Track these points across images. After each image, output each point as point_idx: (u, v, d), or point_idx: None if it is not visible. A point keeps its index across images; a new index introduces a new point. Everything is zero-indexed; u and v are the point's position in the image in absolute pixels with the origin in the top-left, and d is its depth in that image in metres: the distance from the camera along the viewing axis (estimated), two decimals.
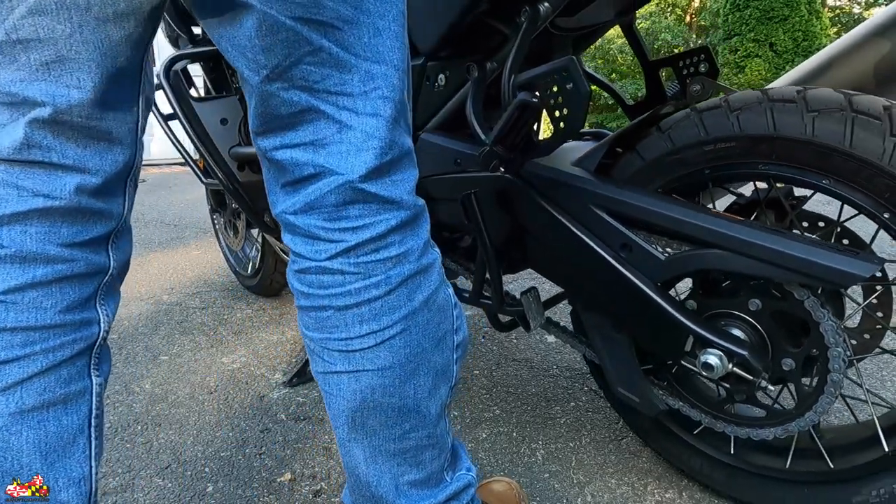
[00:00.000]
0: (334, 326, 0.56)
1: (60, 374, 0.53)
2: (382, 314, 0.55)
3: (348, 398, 0.58)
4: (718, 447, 0.89)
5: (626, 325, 0.86)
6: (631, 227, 0.81)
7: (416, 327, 0.57)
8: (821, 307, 0.71)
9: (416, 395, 0.59)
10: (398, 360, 0.57)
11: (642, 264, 0.80)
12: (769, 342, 0.78)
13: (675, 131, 0.80)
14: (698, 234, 0.75)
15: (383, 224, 0.54)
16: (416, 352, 0.58)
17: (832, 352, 0.72)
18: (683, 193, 0.84)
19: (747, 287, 0.78)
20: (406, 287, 0.56)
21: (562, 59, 0.74)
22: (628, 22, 1.07)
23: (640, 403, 0.88)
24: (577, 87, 0.74)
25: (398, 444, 0.60)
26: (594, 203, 0.82)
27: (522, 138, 0.82)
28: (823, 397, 0.74)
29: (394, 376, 0.57)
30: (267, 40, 0.48)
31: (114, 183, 0.57)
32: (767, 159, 0.73)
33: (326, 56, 0.49)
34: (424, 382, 0.59)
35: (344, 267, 0.54)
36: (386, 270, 0.55)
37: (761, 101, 0.73)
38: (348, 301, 0.55)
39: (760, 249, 0.70)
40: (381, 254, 0.54)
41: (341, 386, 0.58)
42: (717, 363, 0.76)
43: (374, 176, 0.53)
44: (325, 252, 0.54)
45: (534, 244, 0.91)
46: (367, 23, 0.50)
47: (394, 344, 0.56)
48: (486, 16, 0.90)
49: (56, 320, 0.53)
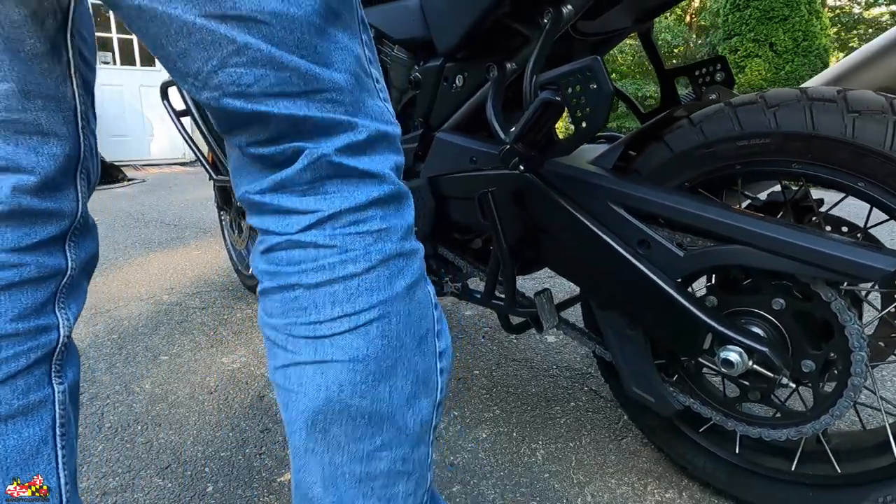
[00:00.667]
0: (302, 308, 0.47)
1: (17, 386, 0.51)
2: (359, 295, 0.47)
3: (311, 395, 0.48)
4: (723, 446, 0.89)
5: (642, 323, 0.86)
6: (649, 224, 0.80)
7: (395, 316, 0.49)
8: (848, 310, 0.70)
9: (392, 401, 0.49)
10: (373, 352, 0.48)
11: (661, 261, 0.79)
12: (790, 342, 0.77)
13: (707, 124, 0.79)
14: (718, 229, 0.74)
15: (363, 195, 0.47)
16: (395, 345, 0.49)
17: (855, 356, 0.71)
18: (710, 189, 0.83)
19: (769, 286, 0.78)
20: (387, 267, 0.48)
21: (586, 58, 0.74)
22: (646, 30, 1.07)
23: (655, 404, 0.88)
24: (600, 86, 0.73)
25: (366, 465, 0.49)
26: (612, 199, 0.82)
27: (543, 136, 0.82)
28: (842, 401, 0.73)
29: (367, 372, 0.48)
30: (180, 45, 0.41)
31: (57, 179, 0.53)
32: (802, 158, 0.72)
33: (256, 54, 0.42)
34: (402, 386, 0.50)
35: (318, 239, 0.46)
36: (365, 245, 0.47)
37: (800, 98, 0.72)
38: (321, 277, 0.47)
39: (783, 244, 0.69)
40: (360, 227, 0.47)
41: (304, 380, 0.48)
42: (737, 359, 0.75)
43: (350, 151, 0.47)
44: (297, 224, 0.47)
45: (550, 242, 0.90)
46: (299, 16, 0.42)
47: (370, 331, 0.47)
48: (507, 17, 0.90)
49: (7, 330, 0.50)
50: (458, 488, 0.95)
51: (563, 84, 0.76)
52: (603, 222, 0.83)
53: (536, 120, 0.80)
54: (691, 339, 0.80)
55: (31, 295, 0.51)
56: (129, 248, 2.70)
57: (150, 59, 6.91)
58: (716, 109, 0.79)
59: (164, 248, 2.69)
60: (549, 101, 0.77)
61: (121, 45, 6.74)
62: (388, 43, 1.04)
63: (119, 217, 3.46)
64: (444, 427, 1.13)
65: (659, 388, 0.87)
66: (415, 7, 0.98)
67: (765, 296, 0.78)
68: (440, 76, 0.98)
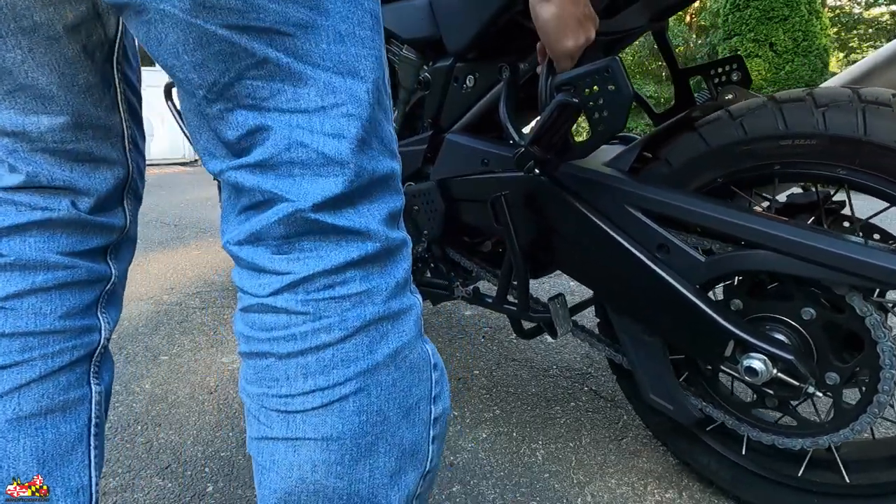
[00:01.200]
0: (274, 380, 0.43)
1: (59, 381, 0.53)
2: (333, 367, 0.43)
3: (283, 475, 0.44)
4: (730, 447, 0.88)
5: (661, 329, 0.83)
6: (668, 228, 0.78)
7: (376, 388, 0.44)
8: (883, 326, 0.68)
9: (373, 481, 0.44)
10: (349, 430, 0.43)
11: (680, 265, 0.77)
12: (815, 352, 0.75)
13: (749, 120, 0.74)
14: (741, 233, 0.72)
15: (341, 255, 0.43)
16: (376, 421, 0.44)
17: (885, 373, 0.68)
18: (742, 187, 0.80)
19: (798, 292, 0.75)
20: (367, 334, 0.44)
21: (605, 59, 0.71)
22: (660, 28, 1.05)
23: (673, 411, 0.86)
24: (619, 88, 0.70)
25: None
26: (629, 203, 0.79)
27: (559, 139, 0.80)
28: (864, 416, 0.71)
29: (342, 451, 0.43)
30: (197, 55, 0.39)
31: (109, 200, 0.56)
32: (849, 164, 0.68)
33: (274, 68, 0.40)
34: (385, 463, 0.45)
35: (290, 305, 0.42)
36: (342, 311, 0.43)
37: (852, 100, 0.68)
38: (292, 348, 0.43)
39: (807, 249, 0.67)
40: (336, 290, 0.43)
41: (276, 457, 0.44)
42: (761, 368, 0.73)
43: (332, 206, 0.42)
44: (268, 286, 0.43)
45: (565, 246, 0.88)
46: (326, 26, 0.41)
47: (345, 408, 0.43)
48: (521, 16, 0.88)
49: (55, 326, 0.53)
50: (458, 488, 0.95)
51: (580, 85, 0.74)
52: (620, 226, 0.81)
53: (552, 123, 0.78)
54: (713, 346, 0.77)
55: (79, 296, 0.55)
56: None
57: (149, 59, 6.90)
58: (759, 104, 0.75)
59: (164, 248, 2.69)
60: (566, 103, 0.75)
61: None
62: (396, 43, 1.03)
63: None
64: None
65: (677, 395, 0.85)
66: (424, 6, 0.96)
67: (793, 303, 0.75)
68: (450, 76, 0.96)
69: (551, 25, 0.70)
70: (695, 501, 0.91)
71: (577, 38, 0.71)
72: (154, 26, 0.39)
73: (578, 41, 0.71)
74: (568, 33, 0.70)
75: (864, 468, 0.77)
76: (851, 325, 0.71)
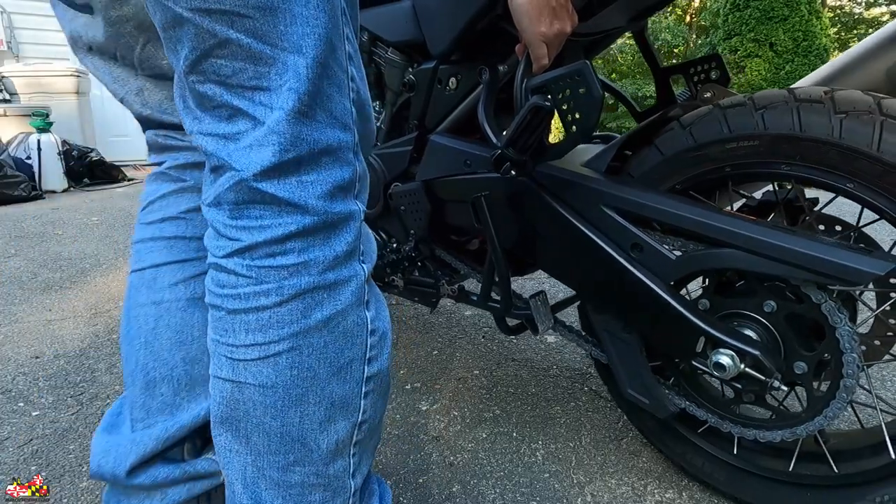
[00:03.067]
0: (224, 330, 0.51)
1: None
2: (269, 327, 0.49)
3: (231, 407, 0.52)
4: (722, 447, 0.89)
5: (636, 326, 0.86)
6: (642, 227, 0.80)
7: (308, 348, 0.51)
8: (839, 311, 0.70)
9: (302, 425, 0.52)
10: (282, 381, 0.51)
11: (653, 264, 0.79)
12: (782, 344, 0.77)
13: (697, 127, 0.79)
14: (710, 232, 0.74)
15: (281, 228, 0.48)
16: (306, 376, 0.51)
17: (847, 357, 0.71)
18: (701, 192, 0.83)
19: (761, 288, 0.78)
20: (301, 301, 0.50)
21: (576, 63, 0.74)
22: (640, 28, 1.07)
23: (650, 405, 0.88)
24: (590, 91, 0.73)
25: (282, 474, 0.53)
26: (605, 203, 0.82)
27: (534, 141, 0.82)
28: (835, 402, 0.73)
29: (276, 397, 0.51)
30: (171, 33, 0.46)
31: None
32: (791, 160, 0.72)
33: (237, 48, 0.45)
34: (314, 412, 0.52)
35: (237, 268, 0.49)
36: (279, 279, 0.49)
37: (787, 100, 0.72)
38: (237, 305, 0.50)
39: (773, 248, 0.69)
40: (276, 260, 0.49)
41: (224, 393, 0.52)
42: (729, 363, 0.76)
43: (271, 175, 0.47)
44: (222, 249, 0.50)
45: (544, 245, 0.90)
46: (284, 9, 0.45)
47: (279, 362, 0.50)
48: (500, 19, 0.90)
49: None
50: (457, 488, 0.95)
51: (552, 89, 0.77)
52: (596, 226, 0.83)
53: (527, 125, 0.80)
54: (684, 342, 0.80)
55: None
56: (129, 248, 2.69)
57: None
58: (705, 112, 0.79)
59: None
60: (539, 106, 0.77)
61: None
62: (382, 45, 1.05)
63: (119, 217, 3.46)
64: (444, 427, 1.13)
65: (654, 389, 0.87)
66: (408, 9, 0.98)
67: (757, 298, 0.78)
68: (434, 79, 0.98)
69: (525, 8, 0.75)
70: (695, 501, 0.91)
71: (552, 25, 0.75)
72: (149, 5, 0.46)
73: (553, 28, 0.76)
74: (542, 18, 0.75)
75: (851, 458, 0.79)
76: (810, 313, 0.73)
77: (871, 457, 0.77)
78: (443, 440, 1.09)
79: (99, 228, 3.11)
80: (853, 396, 0.73)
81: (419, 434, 1.10)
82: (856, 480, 0.77)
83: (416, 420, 1.15)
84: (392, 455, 1.04)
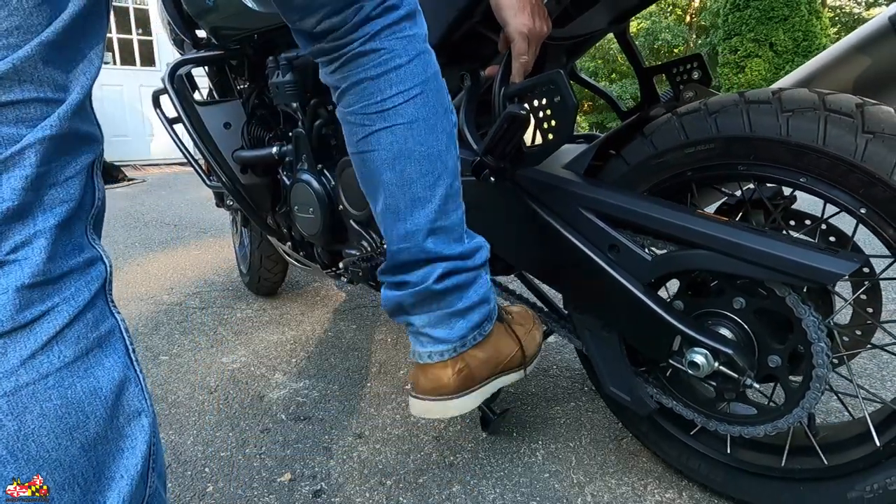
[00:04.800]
0: (371, 93, 0.71)
1: (87, 320, 0.51)
2: (406, 78, 0.71)
3: (387, 148, 0.72)
4: (715, 447, 0.89)
5: (615, 326, 0.88)
6: (619, 229, 0.82)
7: (430, 92, 0.73)
8: (802, 303, 0.72)
9: (438, 147, 0.74)
10: (421, 115, 0.72)
11: (630, 265, 0.81)
12: (755, 340, 0.78)
13: (657, 135, 0.82)
14: (683, 234, 0.76)
15: (396, 14, 0.70)
16: (433, 112, 0.73)
17: (815, 347, 0.72)
18: (671, 196, 0.85)
19: (732, 286, 0.79)
20: (420, 60, 0.72)
21: (549, 72, 0.76)
22: (622, 30, 1.08)
23: (630, 402, 0.89)
24: (563, 99, 0.76)
25: (430, 190, 0.74)
26: (583, 205, 0.84)
27: (511, 149, 0.84)
28: (810, 392, 0.75)
29: (419, 128, 0.72)
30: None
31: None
32: (746, 160, 0.74)
33: None
34: (440, 139, 0.74)
35: (375, 46, 0.70)
36: (404, 45, 0.71)
37: (738, 103, 0.74)
38: (380, 70, 0.70)
39: (743, 249, 0.71)
40: (398, 34, 0.70)
41: (381, 140, 0.72)
42: (702, 361, 0.77)
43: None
44: (358, 43, 0.70)
45: (525, 247, 0.92)
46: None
47: (417, 101, 0.72)
48: (480, 25, 0.91)
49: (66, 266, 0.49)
50: (457, 488, 0.95)
51: (528, 97, 0.79)
52: (575, 228, 0.85)
53: (503, 133, 0.81)
54: (660, 342, 0.81)
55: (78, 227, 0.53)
56: (129, 248, 2.70)
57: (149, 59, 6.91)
58: (664, 120, 0.81)
59: (164, 248, 2.69)
60: (514, 114, 0.79)
61: (121, 45, 6.74)
62: None
63: (119, 217, 3.46)
64: (443, 427, 1.13)
65: (634, 387, 0.88)
66: None
67: (727, 296, 0.79)
68: None
69: (508, 2, 0.81)
70: (695, 501, 0.91)
71: (532, 21, 0.81)
72: None
73: (533, 23, 0.81)
74: (524, 11, 0.80)
75: (839, 448, 0.80)
76: (776, 307, 0.75)
77: (858, 446, 0.78)
78: (443, 440, 1.08)
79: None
80: (838, 388, 0.74)
81: (419, 434, 1.10)
82: (845, 471, 0.77)
83: (416, 420, 1.15)
84: (392, 455, 1.04)
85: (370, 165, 0.75)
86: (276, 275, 1.85)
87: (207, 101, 1.42)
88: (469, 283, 0.80)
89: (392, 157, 0.73)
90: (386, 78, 0.71)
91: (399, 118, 0.72)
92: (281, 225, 1.43)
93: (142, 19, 6.90)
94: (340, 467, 1.01)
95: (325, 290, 2.03)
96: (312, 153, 1.19)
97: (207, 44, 1.42)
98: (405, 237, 0.77)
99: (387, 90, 0.71)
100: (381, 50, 0.70)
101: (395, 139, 0.72)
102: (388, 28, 0.70)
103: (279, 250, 1.59)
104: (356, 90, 0.72)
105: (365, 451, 1.05)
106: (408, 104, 0.72)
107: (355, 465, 1.01)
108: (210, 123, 1.34)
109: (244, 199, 1.36)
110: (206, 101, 1.44)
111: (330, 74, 0.75)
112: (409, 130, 0.72)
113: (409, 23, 0.72)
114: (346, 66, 0.72)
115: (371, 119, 0.72)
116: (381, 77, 0.71)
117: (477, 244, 0.82)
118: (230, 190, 1.35)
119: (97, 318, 0.52)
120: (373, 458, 1.03)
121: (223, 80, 1.51)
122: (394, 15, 0.70)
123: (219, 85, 1.54)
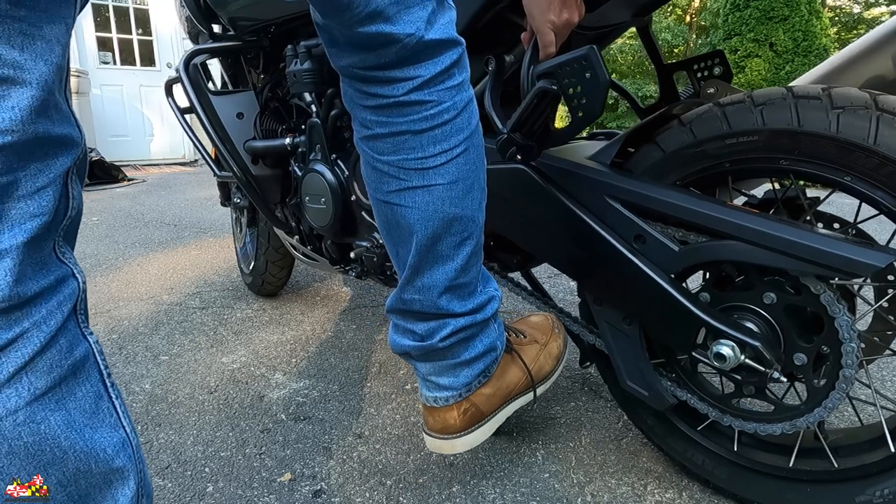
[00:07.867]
0: (411, 148, 0.66)
1: (59, 345, 0.45)
2: (451, 135, 0.66)
3: (422, 208, 0.68)
4: (722, 444, 0.89)
5: (637, 318, 0.86)
6: (645, 219, 0.81)
7: (473, 148, 0.69)
8: (836, 302, 0.71)
9: (472, 208, 0.71)
10: (462, 175, 0.68)
11: (656, 255, 0.80)
12: (782, 336, 0.78)
13: (696, 124, 0.80)
14: (713, 224, 0.75)
15: (448, 58, 0.64)
16: (472, 170, 0.70)
17: (846, 347, 0.71)
18: (701, 188, 0.84)
19: (761, 281, 0.78)
20: (467, 111, 0.68)
21: (582, 48, 0.75)
22: (644, 24, 1.07)
23: (648, 397, 0.88)
24: (596, 75, 0.74)
25: (456, 249, 0.72)
26: (609, 194, 0.83)
27: (540, 126, 0.83)
28: (834, 393, 0.74)
29: (458, 189, 0.69)
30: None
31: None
32: (789, 154, 0.73)
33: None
34: (476, 198, 0.72)
35: (422, 97, 0.64)
36: (452, 97, 0.65)
37: (785, 96, 0.73)
38: (424, 126, 0.65)
39: (775, 240, 0.70)
40: (447, 83, 0.65)
41: (416, 199, 0.68)
42: (729, 353, 0.76)
43: (431, 21, 0.62)
44: (402, 88, 0.63)
45: (547, 236, 0.91)
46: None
47: (459, 161, 0.68)
48: (506, 10, 0.90)
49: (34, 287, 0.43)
50: (457, 488, 0.95)
51: (559, 74, 0.77)
52: (600, 217, 0.84)
53: (533, 109, 0.80)
54: (685, 334, 0.80)
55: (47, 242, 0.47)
56: (129, 248, 2.70)
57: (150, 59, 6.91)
58: (705, 109, 0.80)
59: (164, 248, 2.69)
60: (546, 90, 0.78)
61: (121, 45, 6.73)
62: None
63: (119, 217, 3.46)
64: None
65: (653, 381, 0.87)
66: None
67: (756, 290, 0.79)
68: None
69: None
70: (695, 501, 0.91)
71: (560, 14, 0.79)
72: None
73: (561, 17, 0.79)
74: (552, 7, 0.79)
75: (851, 452, 0.79)
76: (809, 304, 0.74)
77: (871, 451, 0.77)
78: None
79: (99, 228, 3.11)
80: (852, 393, 0.73)
81: (419, 434, 1.10)
82: (855, 475, 0.77)
83: (416, 420, 1.15)
84: (392, 455, 1.04)
85: (398, 220, 0.71)
86: (280, 279, 1.86)
87: (221, 91, 1.42)
88: (476, 336, 0.80)
89: (426, 217, 0.68)
90: (430, 135, 0.65)
91: (439, 178, 0.67)
92: (289, 218, 1.42)
93: (142, 19, 6.89)
94: (340, 467, 1.01)
95: (326, 291, 2.03)
96: (326, 142, 1.18)
97: (223, 35, 1.42)
98: (420, 289, 0.74)
99: (429, 148, 0.66)
100: (428, 103, 0.64)
101: (432, 200, 0.68)
102: (439, 75, 0.64)
103: (286, 244, 1.59)
104: (394, 140, 0.66)
105: (365, 451, 1.05)
106: (450, 164, 0.67)
107: (355, 465, 1.01)
108: (223, 113, 1.34)
109: (254, 189, 1.36)
110: (220, 90, 1.44)
111: (361, 108, 0.67)
112: (447, 192, 0.68)
113: (458, 67, 0.66)
114: (386, 112, 0.65)
115: (408, 175, 0.67)
116: (426, 133, 0.65)
117: (488, 295, 0.80)
118: (240, 180, 1.35)
119: (70, 343, 0.47)
120: (373, 458, 1.03)
121: (238, 70, 1.51)
122: (448, 57, 0.64)
123: (233, 76, 1.54)
